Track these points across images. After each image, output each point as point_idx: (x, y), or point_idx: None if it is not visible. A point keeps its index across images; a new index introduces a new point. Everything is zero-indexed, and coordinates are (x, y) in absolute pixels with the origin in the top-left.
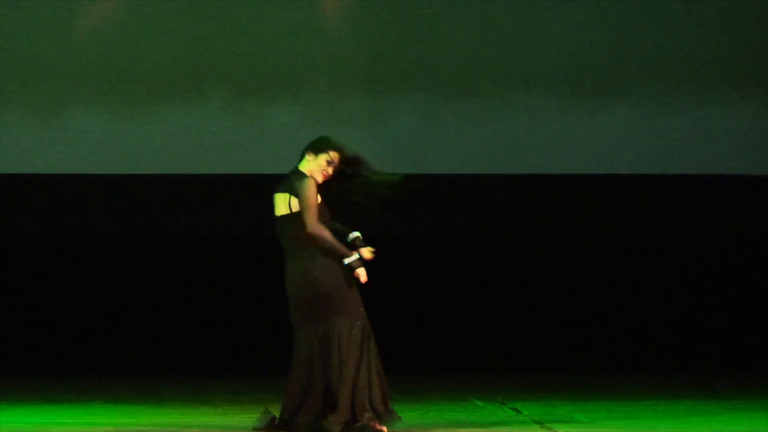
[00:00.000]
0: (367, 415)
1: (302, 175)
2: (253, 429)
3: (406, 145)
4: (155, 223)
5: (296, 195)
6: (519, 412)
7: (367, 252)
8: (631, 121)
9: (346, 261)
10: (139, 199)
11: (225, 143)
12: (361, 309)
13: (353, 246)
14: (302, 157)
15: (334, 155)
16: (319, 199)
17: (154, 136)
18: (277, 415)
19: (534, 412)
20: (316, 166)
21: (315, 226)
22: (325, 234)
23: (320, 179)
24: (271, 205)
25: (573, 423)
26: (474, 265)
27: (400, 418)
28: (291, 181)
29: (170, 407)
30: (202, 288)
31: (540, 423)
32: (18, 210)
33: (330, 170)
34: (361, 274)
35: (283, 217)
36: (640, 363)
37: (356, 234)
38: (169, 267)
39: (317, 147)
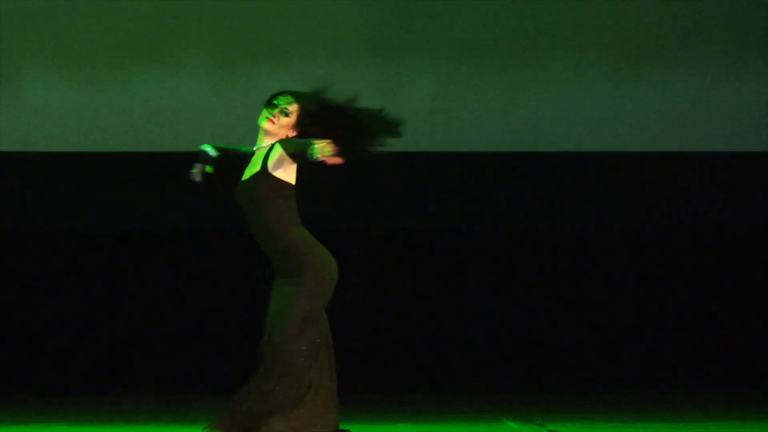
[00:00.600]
0: None
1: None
2: None
3: (423, 120)
4: (126, 212)
5: None
6: None
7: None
8: (689, 91)
9: None
10: (107, 182)
11: (207, 117)
12: None
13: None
14: None
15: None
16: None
17: (124, 109)
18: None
19: None
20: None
21: None
22: None
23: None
24: None
25: None
26: (502, 263)
27: None
28: None
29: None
30: (188, 291)
31: None
32: None
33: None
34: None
35: None
36: (697, 378)
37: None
38: (144, 265)
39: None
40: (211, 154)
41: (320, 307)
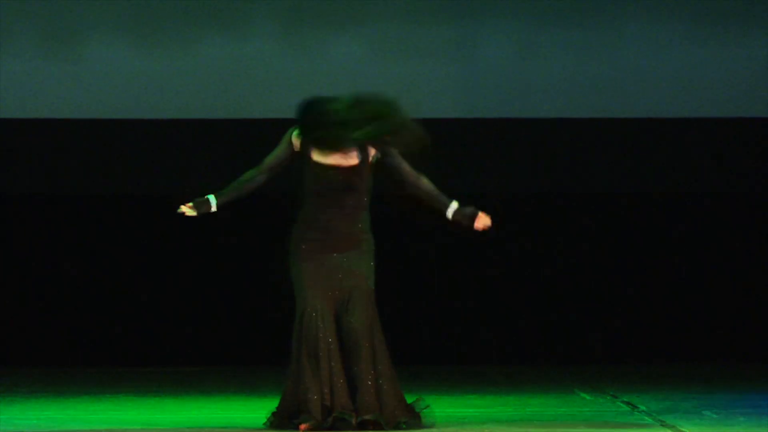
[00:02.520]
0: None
1: None
2: None
3: (496, 82)
4: (191, 179)
5: None
6: (635, 406)
7: None
8: None
9: None
10: (172, 149)
11: (276, 81)
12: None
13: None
14: None
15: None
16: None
17: (189, 73)
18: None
19: (653, 406)
20: None
21: None
22: None
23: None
24: None
25: (700, 420)
26: (574, 230)
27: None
28: None
29: (212, 401)
30: (245, 261)
31: (661, 420)
32: (23, 163)
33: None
34: None
35: None
36: None
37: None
38: (206, 235)
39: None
40: (205, 208)
41: None
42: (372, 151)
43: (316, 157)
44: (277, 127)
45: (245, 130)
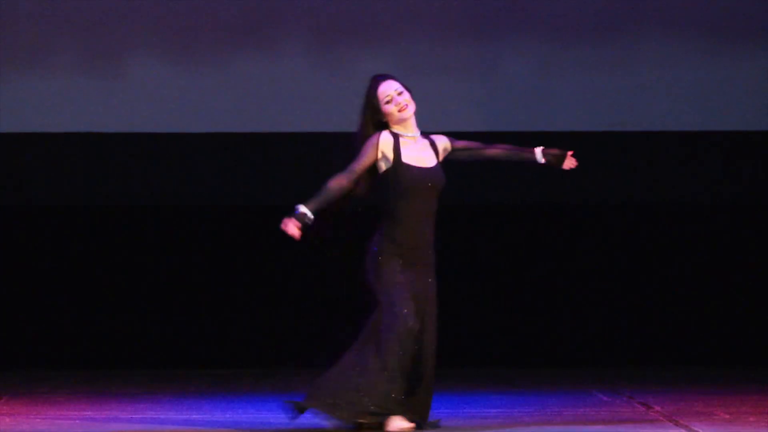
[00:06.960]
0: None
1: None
2: None
3: (519, 99)
4: (224, 189)
5: None
6: (650, 407)
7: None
8: None
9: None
10: (207, 161)
11: (306, 97)
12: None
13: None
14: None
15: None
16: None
17: (222, 89)
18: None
19: (667, 407)
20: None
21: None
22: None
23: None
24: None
25: (712, 420)
26: (594, 237)
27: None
28: None
29: (246, 401)
30: (279, 265)
31: (674, 420)
32: (65, 175)
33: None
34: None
35: None
36: None
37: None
38: (251, 241)
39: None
40: (307, 220)
41: None
42: (441, 151)
43: (406, 159)
44: (309, 141)
45: (278, 144)
